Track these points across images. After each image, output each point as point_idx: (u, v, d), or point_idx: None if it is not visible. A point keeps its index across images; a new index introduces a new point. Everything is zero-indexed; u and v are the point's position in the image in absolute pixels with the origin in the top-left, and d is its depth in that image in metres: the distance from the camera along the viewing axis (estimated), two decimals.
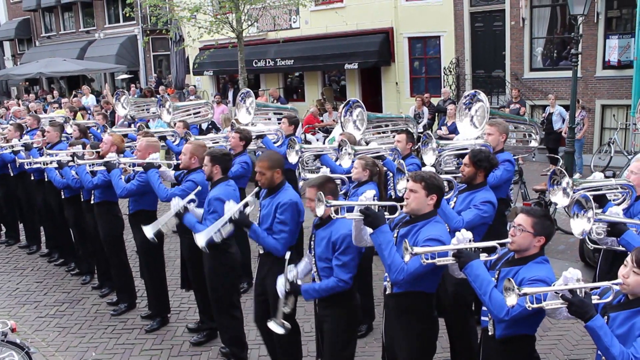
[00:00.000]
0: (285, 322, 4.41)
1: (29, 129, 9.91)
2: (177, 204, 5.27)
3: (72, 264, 8.44)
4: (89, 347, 6.31)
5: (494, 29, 16.49)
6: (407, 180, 5.49)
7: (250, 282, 7.46)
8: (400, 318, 4.11)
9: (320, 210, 4.01)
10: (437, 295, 4.41)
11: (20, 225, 9.90)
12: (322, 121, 16.33)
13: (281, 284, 4.41)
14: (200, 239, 4.84)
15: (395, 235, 4.11)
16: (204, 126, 13.22)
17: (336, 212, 3.99)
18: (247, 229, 4.88)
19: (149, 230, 5.32)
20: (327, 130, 14.72)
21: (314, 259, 4.53)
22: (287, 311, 4.42)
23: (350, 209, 4.04)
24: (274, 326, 4.42)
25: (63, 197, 7.61)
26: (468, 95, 7.31)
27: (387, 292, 4.15)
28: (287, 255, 4.43)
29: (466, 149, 6.16)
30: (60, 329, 6.77)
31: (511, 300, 3.08)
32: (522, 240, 3.57)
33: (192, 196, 5.40)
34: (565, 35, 15.32)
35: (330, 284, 4.29)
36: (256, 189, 5.22)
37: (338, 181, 6.49)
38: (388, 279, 4.12)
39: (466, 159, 5.24)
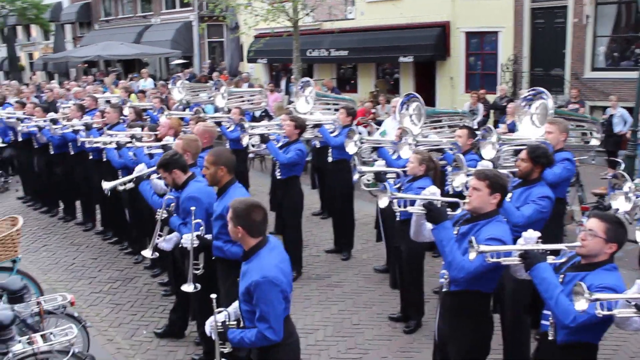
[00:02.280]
0: None
1: (88, 109, 10.15)
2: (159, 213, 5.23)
3: (126, 243, 8.61)
4: (140, 325, 6.44)
5: (555, 26, 16.05)
6: (466, 177, 5.45)
7: (300, 271, 7.49)
8: (456, 317, 4.04)
9: (383, 202, 3.96)
10: (494, 293, 4.32)
11: (77, 203, 10.15)
12: (375, 114, 16.19)
13: (210, 327, 3.80)
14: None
15: (455, 232, 4.03)
16: (257, 114, 13.27)
17: (399, 205, 3.94)
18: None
19: (147, 253, 5.44)
20: (380, 123, 14.58)
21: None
22: (228, 350, 3.79)
23: (412, 203, 3.98)
24: None
25: (120, 176, 7.75)
26: (530, 92, 7.12)
27: (443, 290, 4.08)
28: (213, 296, 3.76)
29: (526, 144, 6.01)
30: (113, 305, 6.93)
31: (581, 305, 2.98)
32: (593, 246, 3.44)
33: (168, 196, 5.25)
34: (630, 35, 14.79)
35: (254, 338, 3.59)
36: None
37: (393, 175, 6.44)
38: (445, 276, 4.04)
39: (523, 154, 5.14)
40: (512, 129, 11.21)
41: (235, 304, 3.91)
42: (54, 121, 9.17)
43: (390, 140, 7.31)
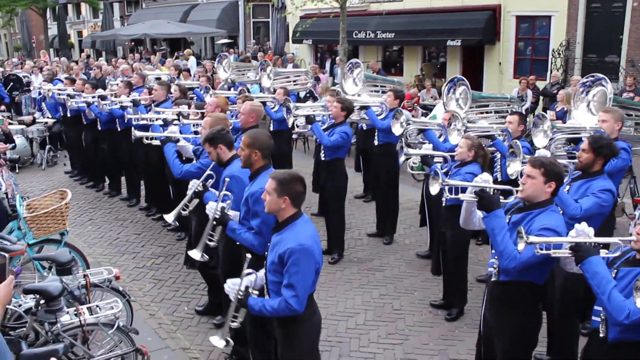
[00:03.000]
0: (229, 338, 3.95)
1: (135, 86, 10.24)
2: (195, 184, 5.00)
3: None
4: (181, 302, 6.50)
5: (613, 10, 15.44)
6: (522, 164, 5.28)
7: (342, 254, 7.44)
8: (504, 307, 3.94)
9: (435, 188, 3.86)
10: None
11: (123, 179, 10.30)
12: (419, 98, 15.96)
13: (231, 290, 3.83)
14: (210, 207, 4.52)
15: (507, 221, 3.90)
16: (302, 95, 13.20)
17: (450, 191, 3.83)
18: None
19: (170, 217, 5.23)
20: (425, 107, 14.38)
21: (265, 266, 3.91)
22: (236, 325, 3.87)
23: (464, 190, 3.87)
24: (216, 340, 3.94)
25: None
26: (589, 78, 6.86)
27: (492, 279, 3.97)
28: (248, 256, 3.88)
29: (580, 134, 5.80)
30: (155, 280, 7.01)
31: None
32: None
33: (209, 172, 5.03)
34: None
35: (276, 306, 3.63)
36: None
37: (440, 159, 6.31)
38: (495, 265, 3.93)
39: (585, 145, 4.92)
40: (561, 116, 10.92)
41: (261, 273, 3.91)
42: (103, 97, 9.30)
43: (438, 123, 7.17)
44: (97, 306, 4.61)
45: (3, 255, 3.01)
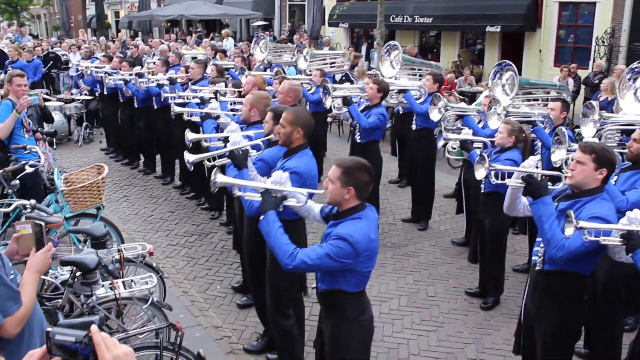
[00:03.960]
0: None
1: (172, 65, 10.26)
2: (237, 139, 4.50)
3: (203, 199, 8.71)
4: (214, 280, 6.50)
5: None
6: (567, 152, 5.11)
7: None
8: (548, 297, 3.80)
9: (480, 173, 3.73)
10: None
11: (157, 157, 10.35)
12: (456, 85, 15.70)
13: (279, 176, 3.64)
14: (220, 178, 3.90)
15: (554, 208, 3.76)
16: (337, 77, 13.07)
17: (496, 176, 3.70)
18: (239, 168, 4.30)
19: (190, 157, 4.72)
20: (463, 94, 14.13)
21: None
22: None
23: (510, 175, 3.73)
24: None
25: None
26: (637, 65, 6.60)
27: (537, 268, 3.83)
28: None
29: (634, 124, 5.58)
30: (188, 258, 7.02)
31: None
32: None
33: (258, 142, 4.66)
34: None
35: (282, 246, 3.42)
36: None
37: (479, 144, 6.15)
38: (540, 254, 3.80)
39: (636, 134, 4.72)
40: (604, 107, 10.59)
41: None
42: (140, 75, 9.32)
43: (477, 109, 6.99)
44: (131, 280, 4.60)
45: (40, 224, 2.98)
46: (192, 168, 4.93)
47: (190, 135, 4.76)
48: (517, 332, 4.33)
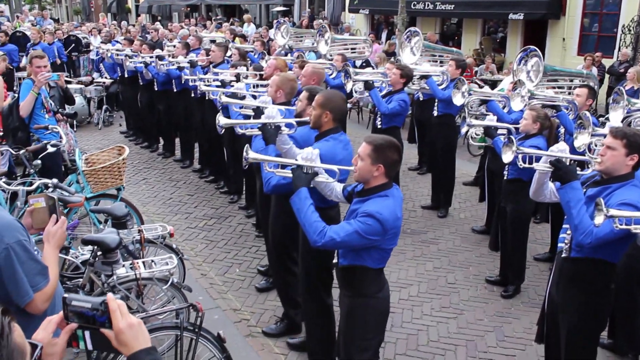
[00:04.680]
0: None
1: (192, 48, 10.22)
2: (273, 111, 4.34)
3: (222, 182, 8.71)
4: (233, 263, 6.49)
5: None
6: (590, 137, 5.01)
7: None
8: (574, 285, 3.72)
9: (508, 157, 3.65)
10: None
11: (177, 140, 10.35)
12: (477, 73, 15.52)
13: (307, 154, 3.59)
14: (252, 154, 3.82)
15: None
16: (358, 64, 12.97)
17: (523, 160, 3.62)
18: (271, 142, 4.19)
19: (222, 120, 4.63)
20: (485, 81, 13.95)
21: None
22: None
23: (538, 159, 3.65)
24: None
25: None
26: None
27: (563, 255, 3.75)
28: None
29: None
30: (207, 241, 7.02)
31: None
32: None
33: (292, 121, 4.45)
34: None
35: (313, 223, 3.38)
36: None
37: (503, 130, 6.06)
38: (566, 241, 3.72)
39: None
40: (630, 95, 10.40)
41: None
42: (160, 58, 9.30)
43: (501, 93, 6.88)
44: (152, 261, 4.59)
45: (53, 197, 2.96)
46: (222, 131, 4.89)
47: (222, 120, 4.66)
48: (540, 320, 4.26)
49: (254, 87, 6.64)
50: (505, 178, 5.86)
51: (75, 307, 1.79)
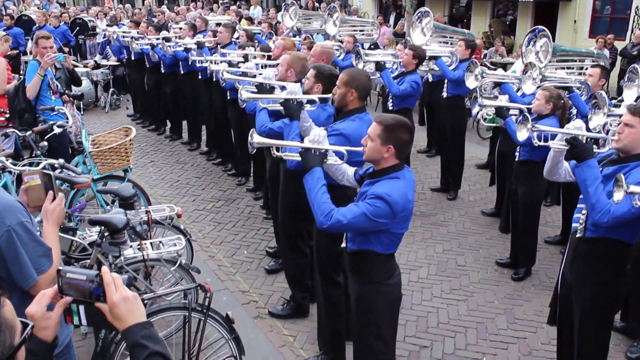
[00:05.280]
0: None
1: (199, 30, 10.11)
2: (293, 89, 4.26)
3: (229, 165, 8.65)
4: (241, 245, 6.45)
5: None
6: (605, 117, 4.91)
7: None
8: (589, 266, 3.64)
9: (522, 134, 3.56)
10: None
11: (184, 123, 10.29)
12: (486, 56, 15.34)
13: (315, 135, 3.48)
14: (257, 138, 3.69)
15: None
16: (366, 46, 12.84)
17: (538, 138, 3.53)
18: (294, 117, 4.11)
19: (245, 94, 4.56)
20: (494, 64, 13.78)
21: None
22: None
23: (553, 136, 3.56)
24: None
25: (228, 97, 7.67)
26: None
27: (578, 235, 3.67)
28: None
29: None
30: (215, 223, 6.98)
31: None
32: None
33: (315, 97, 4.32)
34: None
35: (321, 204, 3.28)
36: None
37: (516, 111, 5.96)
38: (581, 220, 3.64)
39: None
40: None
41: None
42: (167, 39, 9.20)
43: (515, 76, 6.77)
44: (160, 242, 4.55)
45: (49, 173, 2.84)
46: (244, 105, 4.89)
47: (244, 94, 4.54)
48: (553, 302, 4.17)
49: (262, 67, 6.55)
50: (516, 159, 5.78)
51: (69, 279, 1.74)
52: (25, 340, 1.46)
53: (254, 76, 5.61)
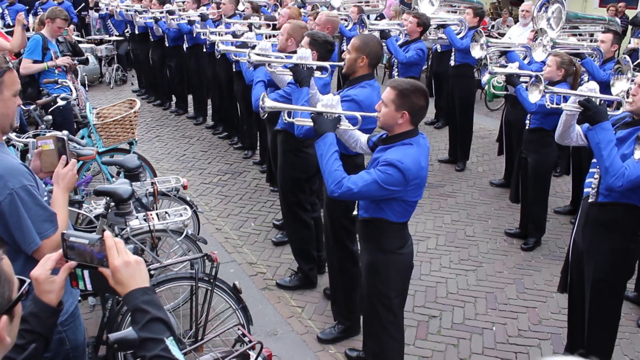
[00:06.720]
0: None
1: (202, 3, 9.98)
2: (304, 54, 4.09)
3: (236, 138, 8.59)
4: (248, 218, 6.42)
5: None
6: (629, 82, 4.78)
7: None
8: (600, 231, 3.59)
9: (535, 96, 3.47)
10: None
11: (190, 97, 10.21)
12: (494, 27, 15.11)
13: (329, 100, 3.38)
14: (268, 102, 3.59)
15: None
16: (372, 18, 12.65)
17: (551, 101, 3.44)
18: (302, 84, 3.98)
19: (254, 57, 4.41)
20: (502, 35, 13.58)
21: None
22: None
23: (566, 99, 3.47)
24: None
25: (234, 70, 7.58)
26: None
27: (590, 200, 3.60)
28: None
29: None
30: (222, 196, 6.94)
31: None
32: None
33: (326, 64, 4.22)
34: None
35: (333, 172, 3.19)
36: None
37: (526, 78, 5.85)
38: (593, 185, 3.57)
39: None
40: None
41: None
42: (170, 12, 9.09)
43: (522, 44, 6.64)
44: (165, 212, 4.52)
45: (62, 138, 2.80)
46: (251, 67, 4.83)
47: (253, 57, 4.42)
48: (564, 269, 4.13)
49: (266, 37, 6.45)
50: (527, 127, 5.69)
51: (72, 243, 1.73)
52: (22, 295, 1.42)
53: (254, 47, 5.50)
